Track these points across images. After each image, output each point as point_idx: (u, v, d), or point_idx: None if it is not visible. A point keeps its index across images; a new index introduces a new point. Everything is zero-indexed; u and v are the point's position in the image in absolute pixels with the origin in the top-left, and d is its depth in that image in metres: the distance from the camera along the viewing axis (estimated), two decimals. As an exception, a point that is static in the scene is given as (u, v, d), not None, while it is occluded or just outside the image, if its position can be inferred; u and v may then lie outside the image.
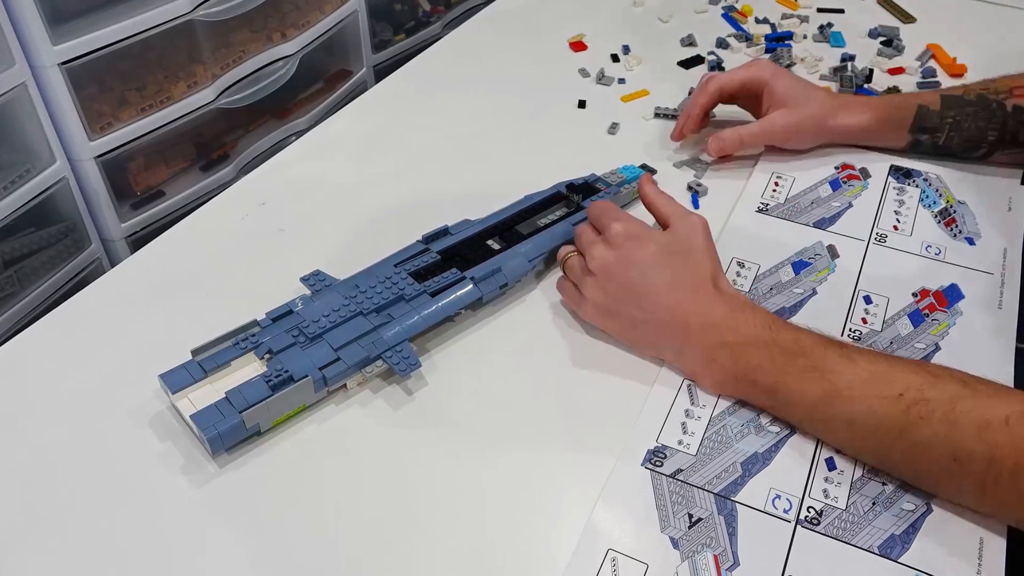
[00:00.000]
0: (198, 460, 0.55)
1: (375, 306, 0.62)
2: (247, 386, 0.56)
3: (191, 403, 0.56)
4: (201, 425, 0.54)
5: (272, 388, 0.56)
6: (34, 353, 0.64)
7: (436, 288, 0.63)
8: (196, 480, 0.54)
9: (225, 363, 0.58)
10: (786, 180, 0.77)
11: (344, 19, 1.47)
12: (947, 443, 0.48)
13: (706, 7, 1.09)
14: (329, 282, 0.65)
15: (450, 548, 0.51)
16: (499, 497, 0.53)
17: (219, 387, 0.57)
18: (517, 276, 0.66)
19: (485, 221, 0.70)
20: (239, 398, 0.55)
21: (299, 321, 0.60)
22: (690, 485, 0.53)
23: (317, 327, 0.60)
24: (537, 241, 0.68)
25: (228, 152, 1.36)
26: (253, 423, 0.55)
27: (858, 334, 0.62)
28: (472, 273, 0.64)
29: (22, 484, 0.54)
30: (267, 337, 0.59)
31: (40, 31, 1.03)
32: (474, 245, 0.68)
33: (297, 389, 0.56)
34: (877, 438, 0.51)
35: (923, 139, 0.77)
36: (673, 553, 0.49)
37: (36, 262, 1.15)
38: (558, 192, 0.73)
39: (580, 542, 0.50)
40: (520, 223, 0.70)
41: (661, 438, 0.56)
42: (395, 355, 0.59)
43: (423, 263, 0.66)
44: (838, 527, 0.51)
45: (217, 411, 0.55)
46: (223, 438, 0.54)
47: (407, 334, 0.60)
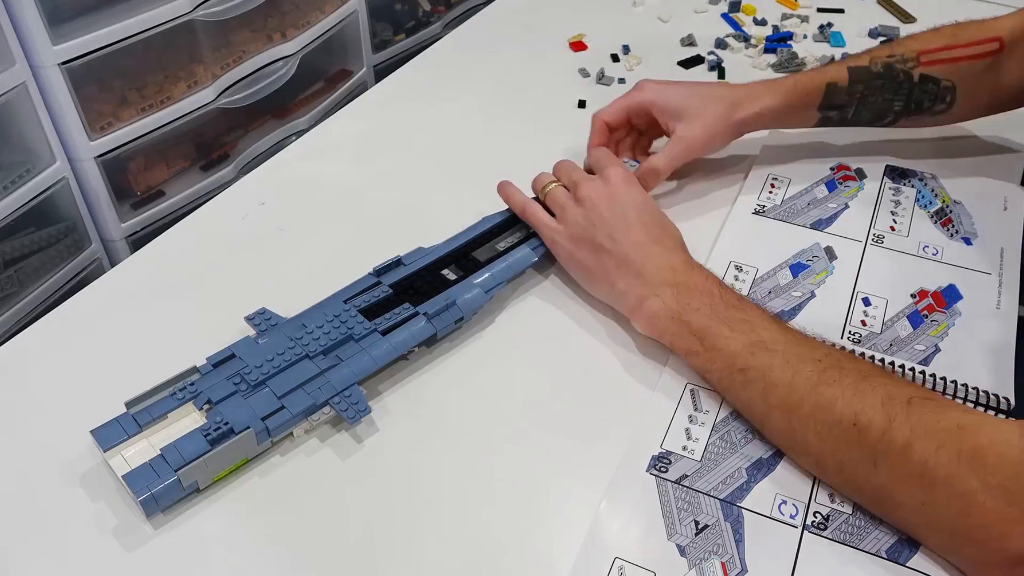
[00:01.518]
0: (131, 521, 0.52)
1: (322, 348, 0.58)
2: (184, 441, 0.52)
3: (124, 461, 0.52)
4: (134, 487, 0.50)
5: (211, 442, 0.52)
6: (34, 353, 0.64)
7: (387, 326, 0.60)
8: (128, 543, 0.51)
9: (162, 415, 0.54)
10: (782, 181, 0.77)
11: (344, 19, 1.47)
12: (850, 407, 0.50)
13: (706, 7, 1.09)
14: (275, 321, 0.61)
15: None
16: (497, 518, 0.53)
17: (156, 441, 0.53)
18: (473, 309, 0.63)
19: (440, 249, 0.67)
20: (175, 455, 0.51)
21: (241, 367, 0.56)
22: (695, 491, 0.53)
23: (260, 373, 0.56)
24: (495, 270, 0.65)
25: (228, 152, 1.36)
26: (191, 481, 0.51)
27: (857, 337, 0.62)
28: (425, 308, 0.61)
29: (22, 484, 0.54)
30: (206, 385, 0.55)
31: (40, 31, 1.03)
32: (429, 276, 0.64)
33: (238, 442, 0.52)
34: (788, 393, 0.52)
35: (832, 115, 0.76)
36: (680, 561, 0.49)
37: (36, 262, 1.15)
38: (515, 213, 0.70)
39: (584, 550, 0.50)
40: (477, 248, 0.67)
41: (665, 444, 0.56)
42: (343, 401, 0.55)
43: (374, 298, 0.62)
44: (845, 532, 0.50)
45: (151, 470, 0.51)
46: (157, 500, 0.50)
47: (356, 377, 0.57)
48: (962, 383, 0.58)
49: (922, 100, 0.74)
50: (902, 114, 0.75)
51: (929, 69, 0.73)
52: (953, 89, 0.73)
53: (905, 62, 0.73)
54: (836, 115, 0.76)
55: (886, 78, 0.74)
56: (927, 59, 0.73)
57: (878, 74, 0.74)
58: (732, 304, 0.58)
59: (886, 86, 0.74)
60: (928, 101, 0.74)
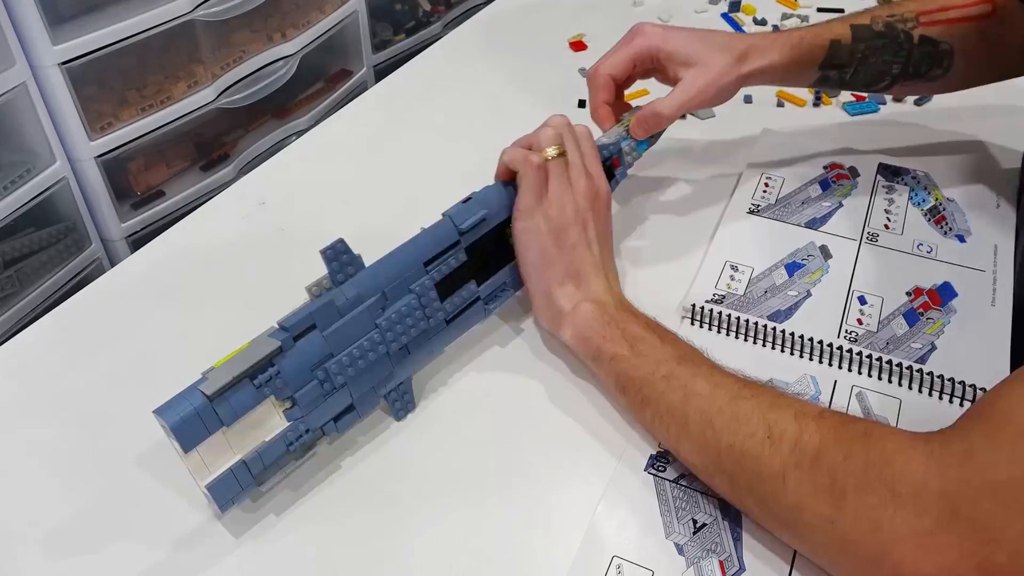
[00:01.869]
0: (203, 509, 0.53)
1: (402, 344, 0.56)
2: (268, 450, 0.50)
3: (203, 464, 0.49)
4: (219, 498, 0.49)
5: (290, 449, 0.51)
6: (34, 353, 0.64)
7: (453, 313, 0.59)
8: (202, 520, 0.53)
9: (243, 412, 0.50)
10: (776, 181, 0.78)
11: (344, 19, 1.47)
12: (764, 419, 0.49)
13: (706, 7, 1.09)
14: (352, 270, 0.55)
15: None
16: (496, 518, 0.53)
17: (233, 440, 0.50)
18: (511, 295, 0.64)
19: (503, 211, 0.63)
20: (257, 463, 0.50)
21: (323, 354, 0.52)
22: (693, 490, 0.53)
23: (346, 376, 0.53)
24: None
25: (228, 152, 1.37)
26: (268, 487, 0.52)
27: (854, 336, 0.63)
28: (483, 290, 0.61)
29: (22, 484, 0.55)
30: (290, 373, 0.51)
31: (40, 31, 1.03)
32: (494, 241, 0.62)
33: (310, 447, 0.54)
34: (706, 403, 0.51)
35: (831, 75, 0.73)
36: (678, 559, 0.49)
37: (36, 262, 1.16)
38: None
39: (583, 549, 0.50)
40: None
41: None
42: (397, 397, 0.56)
43: (450, 267, 0.59)
44: None
45: (234, 479, 0.49)
46: (235, 502, 0.51)
47: (413, 369, 0.57)
48: (959, 380, 0.58)
49: (920, 63, 0.73)
50: (899, 78, 0.74)
51: (928, 30, 0.72)
52: (951, 53, 0.72)
53: (905, 22, 0.72)
54: (835, 75, 0.73)
55: (887, 38, 0.72)
56: (926, 20, 0.72)
57: (879, 33, 0.72)
58: (668, 332, 0.58)
59: (887, 46, 0.72)
60: (926, 65, 0.73)
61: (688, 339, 0.58)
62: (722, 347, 0.61)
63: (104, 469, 0.55)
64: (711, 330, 0.63)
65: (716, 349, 0.57)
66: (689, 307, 0.64)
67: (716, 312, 0.64)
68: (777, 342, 0.62)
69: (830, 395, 0.58)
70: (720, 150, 0.81)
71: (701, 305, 0.64)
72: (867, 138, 0.82)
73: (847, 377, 0.60)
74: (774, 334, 0.62)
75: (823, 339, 0.61)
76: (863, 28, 0.72)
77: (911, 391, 0.58)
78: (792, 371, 0.60)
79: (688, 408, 0.52)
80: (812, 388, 0.59)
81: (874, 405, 0.58)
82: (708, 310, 0.64)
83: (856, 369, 0.60)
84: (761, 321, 0.63)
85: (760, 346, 0.62)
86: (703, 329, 0.63)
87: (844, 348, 0.61)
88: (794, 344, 0.61)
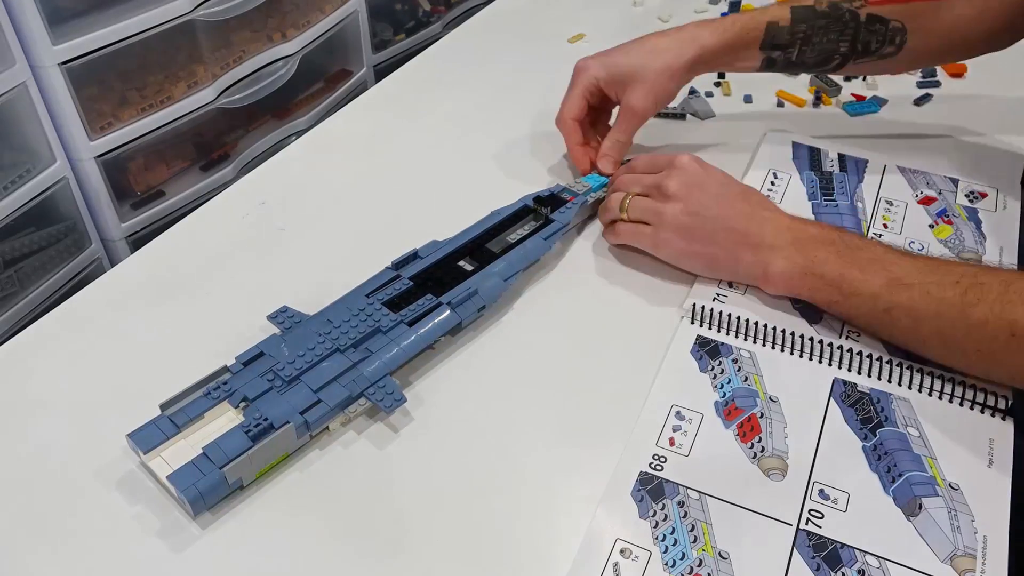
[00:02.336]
0: (177, 521, 0.52)
1: (352, 341, 0.58)
2: (225, 439, 0.52)
3: (165, 462, 0.52)
4: (179, 485, 0.50)
5: (252, 439, 0.52)
6: (34, 353, 0.64)
7: (413, 317, 0.61)
8: (176, 544, 0.51)
9: (198, 415, 0.54)
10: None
11: (344, 19, 1.47)
12: (1003, 321, 0.52)
13: (706, 7, 1.09)
14: (299, 318, 0.61)
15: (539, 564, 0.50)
16: (499, 522, 0.52)
17: (194, 442, 0.53)
18: (494, 297, 0.64)
19: (454, 241, 0.68)
20: (218, 452, 0.51)
21: (273, 364, 0.57)
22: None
23: (293, 368, 0.56)
24: (511, 259, 0.66)
25: (228, 152, 1.37)
26: (235, 478, 0.52)
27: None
28: (448, 298, 0.62)
29: (22, 485, 0.55)
30: (240, 384, 0.56)
31: (40, 31, 1.03)
32: (446, 267, 0.65)
33: (279, 437, 0.53)
34: (938, 323, 0.55)
35: (775, 56, 0.74)
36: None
37: (36, 262, 1.15)
38: (525, 206, 0.71)
39: (586, 538, 0.50)
40: (490, 240, 0.68)
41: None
42: (378, 391, 0.56)
43: (396, 291, 0.63)
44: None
45: (195, 468, 0.51)
46: (204, 497, 0.51)
47: (388, 368, 0.58)
48: (959, 380, 0.58)
49: (869, 42, 0.73)
50: (849, 57, 0.74)
51: (877, 9, 0.72)
52: (903, 31, 0.72)
53: (852, 1, 0.72)
54: (780, 56, 0.74)
55: (831, 18, 0.72)
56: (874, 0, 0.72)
57: (822, 13, 0.73)
58: (856, 246, 0.59)
59: (831, 26, 0.73)
60: (876, 43, 0.73)
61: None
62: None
63: (104, 469, 0.55)
64: (711, 329, 0.63)
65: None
66: (690, 307, 0.64)
67: (718, 312, 0.63)
68: (778, 342, 0.62)
69: (826, 395, 0.58)
70: (720, 150, 0.81)
71: (703, 304, 0.64)
72: (867, 138, 0.82)
73: (849, 377, 0.59)
74: (774, 334, 0.62)
75: (823, 339, 0.61)
76: (804, 9, 0.73)
77: (921, 394, 0.58)
78: (794, 371, 0.60)
79: (921, 334, 0.57)
80: (812, 387, 0.59)
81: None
82: (709, 310, 0.64)
83: (857, 369, 0.60)
84: (762, 321, 0.63)
85: (761, 345, 0.62)
86: (703, 328, 0.63)
87: (845, 348, 0.60)
88: (794, 344, 0.61)
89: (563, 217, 0.70)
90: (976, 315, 0.53)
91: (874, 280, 0.57)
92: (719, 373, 0.60)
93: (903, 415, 0.57)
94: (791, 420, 0.57)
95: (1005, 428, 0.56)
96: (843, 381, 0.59)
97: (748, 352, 0.61)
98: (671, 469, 0.54)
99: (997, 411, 0.56)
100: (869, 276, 0.58)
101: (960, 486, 0.52)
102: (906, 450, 0.54)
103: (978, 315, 0.53)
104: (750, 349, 0.61)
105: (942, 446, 0.55)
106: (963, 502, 0.52)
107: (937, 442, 0.55)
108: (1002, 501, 0.52)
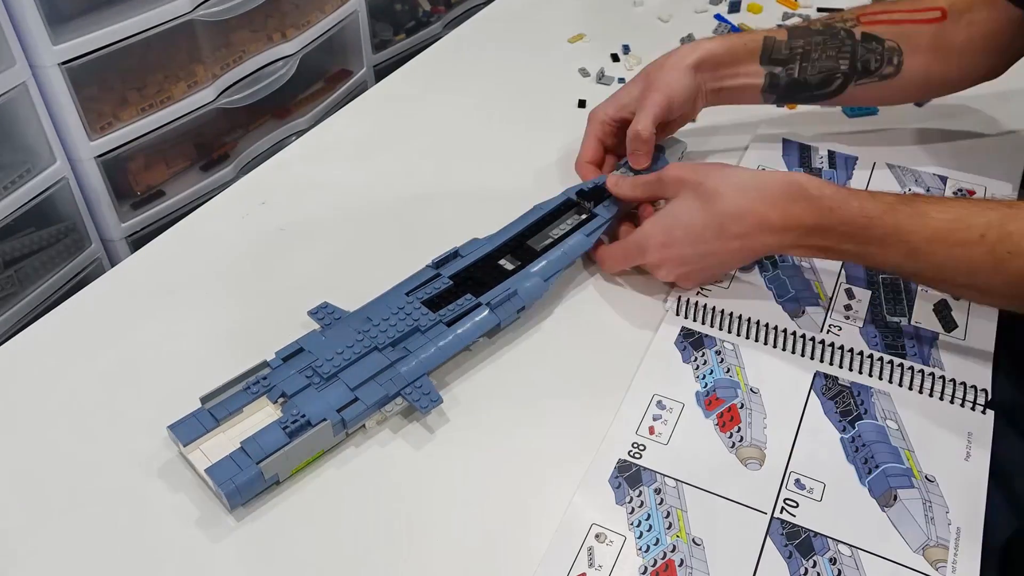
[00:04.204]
0: (214, 512, 0.53)
1: (390, 340, 0.59)
2: (263, 434, 0.53)
3: (204, 455, 0.53)
4: (218, 479, 0.51)
5: (289, 435, 0.53)
6: (34, 353, 0.64)
7: (452, 317, 0.61)
8: (214, 535, 0.52)
9: (237, 410, 0.55)
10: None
11: (344, 19, 1.48)
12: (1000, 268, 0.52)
13: (706, 7, 1.09)
14: (339, 315, 0.62)
15: (516, 545, 0.51)
16: (483, 510, 0.53)
17: (233, 435, 0.54)
18: (534, 298, 0.63)
19: (494, 239, 0.67)
20: (255, 447, 0.52)
21: (311, 360, 0.57)
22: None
23: (331, 366, 0.57)
24: (551, 258, 0.65)
25: (228, 152, 1.37)
26: (272, 473, 0.52)
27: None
28: (487, 298, 0.62)
29: (22, 485, 0.55)
30: (279, 379, 0.56)
31: (40, 31, 1.04)
32: (486, 267, 0.65)
33: (316, 434, 0.53)
34: (972, 280, 0.55)
35: (777, 72, 0.75)
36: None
37: (36, 262, 1.16)
38: (568, 200, 0.70)
39: (563, 521, 0.51)
40: (531, 237, 0.68)
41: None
42: (415, 391, 0.57)
43: (435, 290, 0.63)
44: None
45: (233, 463, 0.52)
46: (241, 491, 0.51)
47: (425, 368, 0.58)
48: (940, 375, 0.59)
49: (868, 60, 0.73)
50: (851, 76, 0.74)
51: (871, 28, 0.73)
52: (899, 51, 0.73)
53: (845, 21, 0.74)
54: (782, 73, 0.75)
55: (827, 34, 0.74)
56: (867, 19, 0.73)
57: (818, 31, 0.74)
58: (860, 225, 0.57)
59: (828, 43, 0.74)
60: (875, 62, 0.73)
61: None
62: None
63: (104, 469, 0.55)
64: (695, 321, 0.64)
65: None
66: (675, 299, 0.65)
67: (702, 304, 0.64)
68: (760, 335, 0.62)
69: (807, 388, 0.59)
70: (714, 148, 0.81)
71: (687, 297, 0.65)
72: (867, 138, 0.82)
73: (830, 370, 0.60)
74: (757, 327, 0.63)
75: (806, 333, 0.62)
76: (800, 28, 0.75)
77: (901, 388, 0.59)
78: (776, 364, 0.61)
79: (960, 290, 0.59)
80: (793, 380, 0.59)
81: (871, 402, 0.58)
82: (694, 303, 0.64)
83: (838, 363, 0.60)
84: (745, 314, 0.63)
85: (744, 338, 0.62)
86: (688, 320, 0.64)
87: (827, 342, 0.61)
88: (776, 337, 0.62)
89: (606, 211, 0.69)
90: (1012, 268, 0.53)
91: (893, 254, 0.57)
92: (702, 364, 0.61)
93: (883, 408, 0.57)
94: (771, 411, 0.58)
95: (984, 422, 0.56)
96: (824, 375, 0.60)
97: (731, 344, 0.62)
98: (649, 457, 0.55)
99: (976, 405, 0.57)
100: (887, 251, 0.57)
101: (936, 478, 0.53)
102: (884, 442, 0.55)
103: (1012, 269, 0.52)
104: (733, 341, 0.62)
105: (920, 439, 0.56)
106: (939, 494, 0.53)
107: (915, 435, 0.56)
108: (978, 494, 0.53)
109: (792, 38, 0.74)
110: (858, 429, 0.56)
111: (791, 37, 0.74)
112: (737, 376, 0.60)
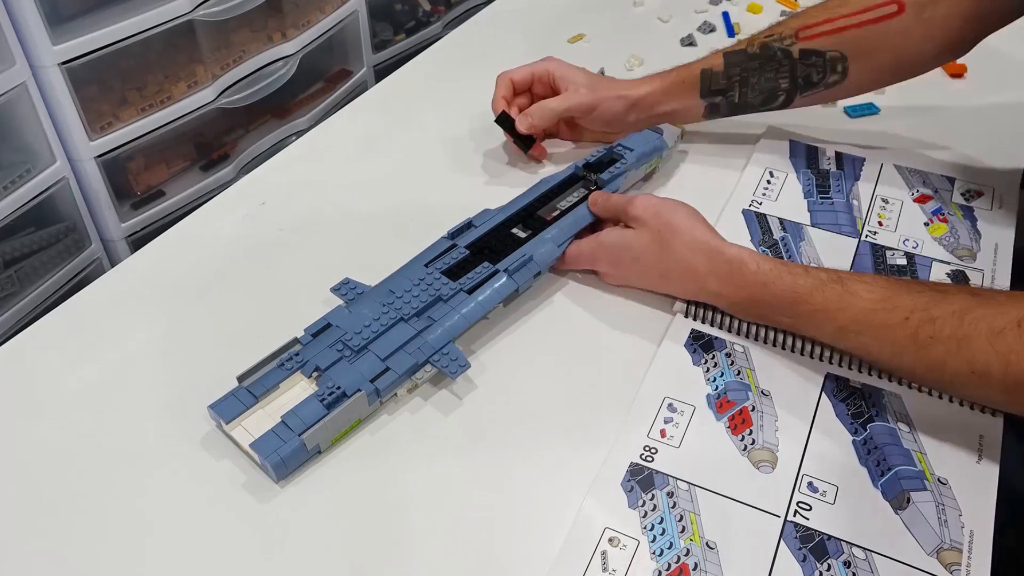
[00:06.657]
0: (260, 480, 0.55)
1: (415, 310, 0.61)
2: (302, 407, 0.55)
3: (246, 431, 0.55)
4: (263, 452, 0.53)
5: (327, 406, 0.55)
6: (34, 353, 0.64)
7: (472, 284, 0.63)
8: (263, 498, 0.54)
9: (274, 386, 0.57)
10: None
11: (344, 19, 1.48)
12: (961, 359, 0.51)
13: (706, 7, 1.09)
14: (361, 290, 0.63)
15: (528, 549, 0.51)
16: (491, 511, 0.53)
17: (271, 411, 0.56)
18: (549, 262, 0.66)
19: (506, 209, 0.70)
20: (296, 420, 0.54)
21: (341, 334, 0.59)
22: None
23: (361, 339, 0.59)
24: (562, 225, 0.68)
25: (228, 152, 1.37)
26: (313, 444, 0.54)
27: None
28: (504, 265, 0.64)
29: (22, 486, 0.55)
30: (311, 354, 0.58)
31: (40, 31, 1.03)
32: (499, 236, 0.67)
33: (352, 404, 0.55)
34: (895, 362, 0.55)
35: (717, 101, 0.76)
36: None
37: (36, 262, 1.16)
38: (574, 173, 0.73)
39: (576, 522, 0.51)
40: (540, 208, 0.70)
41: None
42: (443, 358, 0.59)
43: (453, 260, 0.65)
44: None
45: (276, 436, 0.54)
46: (286, 463, 0.53)
47: (451, 335, 0.60)
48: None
49: (809, 75, 0.74)
50: (794, 92, 0.75)
51: (810, 43, 0.73)
52: (843, 58, 0.73)
53: (782, 40, 0.74)
54: (722, 101, 0.76)
55: (763, 59, 0.74)
56: (806, 34, 0.73)
57: (753, 55, 0.74)
58: (790, 300, 0.58)
59: (765, 66, 0.74)
60: (817, 75, 0.74)
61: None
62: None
63: (105, 469, 0.55)
64: (705, 323, 0.63)
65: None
66: (684, 301, 0.64)
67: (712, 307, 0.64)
68: (770, 338, 0.62)
69: (818, 390, 0.59)
70: (720, 150, 0.81)
71: (697, 302, 0.65)
72: (875, 139, 0.82)
73: (841, 372, 0.60)
74: (766, 330, 0.62)
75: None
76: (735, 54, 0.75)
77: (912, 390, 0.59)
78: (787, 366, 0.60)
79: (884, 368, 0.58)
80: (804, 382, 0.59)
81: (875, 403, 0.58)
82: (703, 305, 0.64)
83: (848, 364, 0.60)
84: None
85: (754, 341, 0.62)
86: (697, 322, 0.64)
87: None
88: (786, 340, 0.62)
89: (612, 177, 0.72)
90: (932, 356, 0.52)
91: (823, 329, 0.58)
92: (712, 367, 0.60)
93: (894, 410, 0.57)
94: (782, 414, 0.57)
95: (995, 424, 0.56)
96: (835, 376, 0.60)
97: (741, 347, 0.62)
98: (662, 460, 0.55)
99: (987, 408, 0.57)
100: (817, 326, 0.58)
101: (949, 481, 0.53)
102: (896, 444, 0.55)
103: (934, 356, 0.52)
104: (743, 344, 0.62)
105: (932, 441, 0.55)
106: (951, 496, 0.52)
107: (927, 437, 0.56)
108: (989, 496, 0.52)
109: (728, 66, 0.75)
110: (870, 431, 0.56)
111: (727, 65, 0.75)
112: (748, 378, 0.59)
